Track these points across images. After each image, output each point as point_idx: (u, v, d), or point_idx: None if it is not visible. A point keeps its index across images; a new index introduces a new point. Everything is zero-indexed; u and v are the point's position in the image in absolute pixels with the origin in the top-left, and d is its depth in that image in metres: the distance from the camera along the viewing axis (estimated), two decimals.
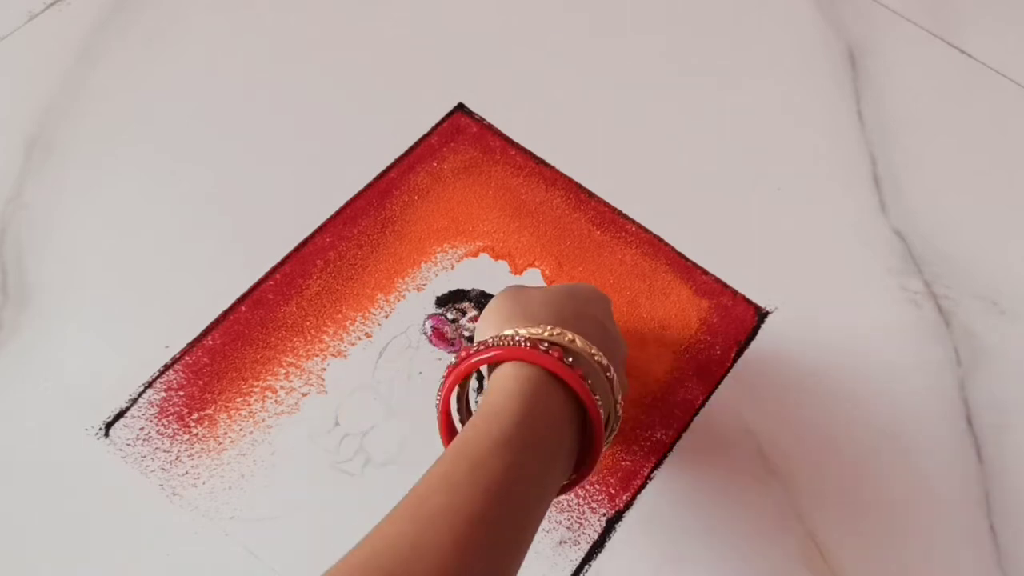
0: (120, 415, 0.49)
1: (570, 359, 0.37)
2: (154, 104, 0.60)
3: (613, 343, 0.41)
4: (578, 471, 0.39)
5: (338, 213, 0.56)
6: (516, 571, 0.33)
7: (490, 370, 0.40)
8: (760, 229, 0.57)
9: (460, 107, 0.60)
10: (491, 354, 0.37)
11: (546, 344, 0.37)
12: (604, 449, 0.39)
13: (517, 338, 0.37)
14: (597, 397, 0.37)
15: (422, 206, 0.56)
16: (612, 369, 0.39)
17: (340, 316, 0.52)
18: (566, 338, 0.38)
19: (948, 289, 0.55)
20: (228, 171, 0.57)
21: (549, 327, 0.38)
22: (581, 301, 0.42)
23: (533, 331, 0.38)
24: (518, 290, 0.43)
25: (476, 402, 0.46)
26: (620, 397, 0.40)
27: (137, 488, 0.47)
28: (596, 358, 0.38)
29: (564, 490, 0.39)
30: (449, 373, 0.39)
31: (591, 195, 0.57)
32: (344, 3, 0.65)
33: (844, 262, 0.56)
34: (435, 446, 0.39)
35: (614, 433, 0.41)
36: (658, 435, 0.50)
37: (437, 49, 0.63)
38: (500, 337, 0.38)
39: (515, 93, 0.61)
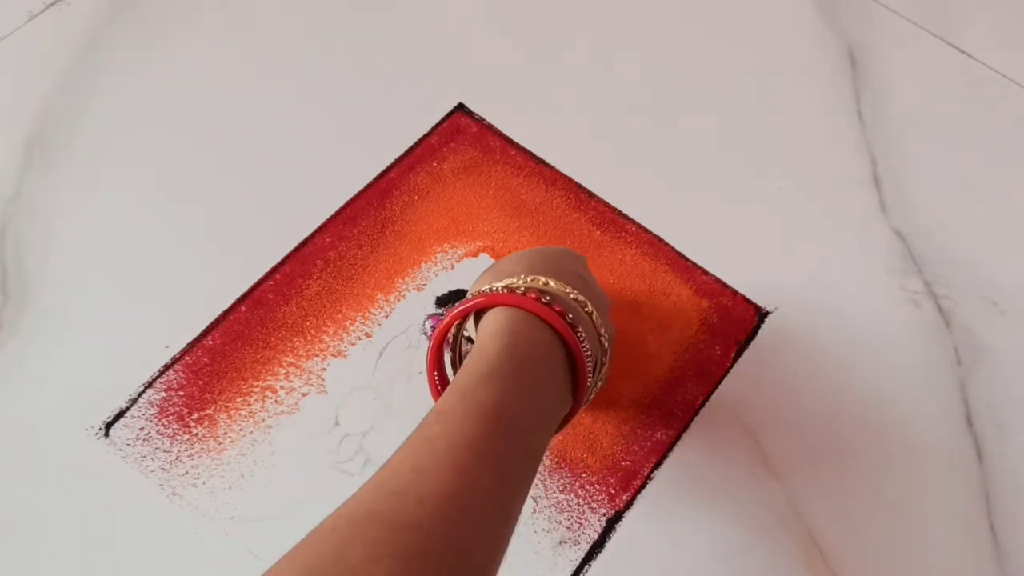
0: (120, 415, 0.49)
1: (547, 298, 0.39)
2: (153, 104, 0.60)
3: (590, 289, 0.43)
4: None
5: (338, 213, 0.56)
6: (520, 495, 0.35)
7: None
8: (760, 229, 0.57)
9: (460, 107, 0.60)
10: (470, 304, 0.39)
11: (522, 289, 0.39)
12: (593, 385, 0.41)
13: (494, 288, 0.40)
14: (580, 331, 0.39)
15: (422, 206, 0.56)
16: (590, 304, 0.41)
17: (340, 316, 0.52)
18: (539, 282, 0.40)
19: (948, 289, 0.55)
20: (228, 171, 0.57)
21: (523, 275, 0.40)
22: (554, 257, 0.44)
23: (508, 281, 0.40)
24: (495, 263, 0.45)
25: None
26: (603, 331, 0.41)
27: (137, 488, 0.47)
28: (572, 295, 0.40)
29: (562, 425, 0.41)
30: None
31: (591, 195, 0.57)
32: (345, 3, 0.65)
33: (844, 262, 0.56)
34: None
35: (604, 367, 0.42)
36: (658, 435, 0.50)
37: (437, 49, 0.63)
38: (479, 292, 0.40)
39: (515, 93, 0.61)
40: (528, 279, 0.40)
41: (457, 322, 0.41)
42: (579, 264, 0.45)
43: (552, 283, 0.40)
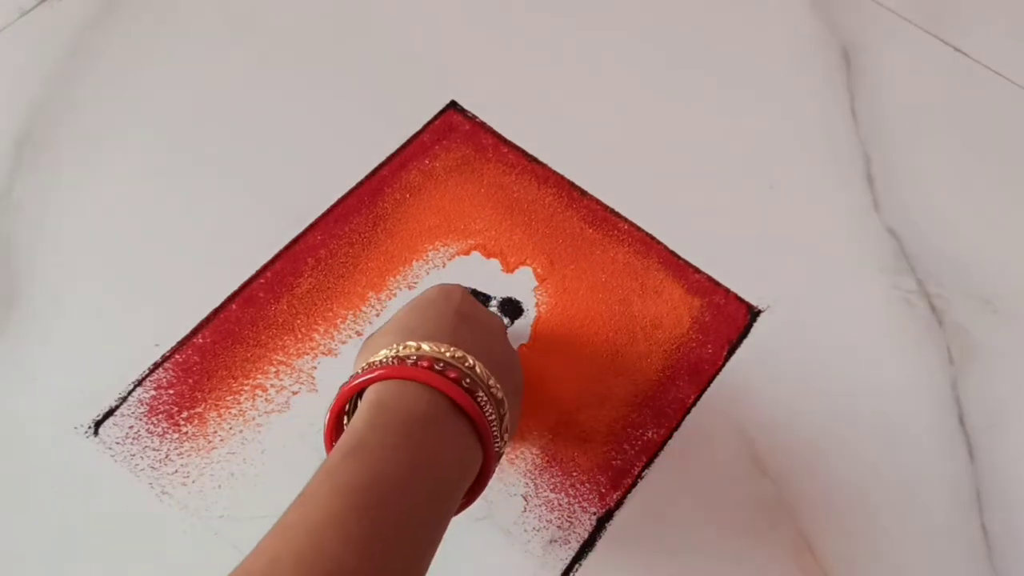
0: (109, 413, 0.49)
1: (412, 360, 0.36)
2: (145, 102, 0.59)
3: (472, 325, 0.40)
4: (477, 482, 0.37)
5: (329, 211, 0.56)
6: (411, 570, 0.32)
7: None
8: (753, 227, 0.57)
9: (452, 105, 0.60)
10: (342, 393, 0.36)
11: (389, 359, 0.36)
12: (500, 438, 0.37)
13: (364, 367, 0.37)
14: (465, 381, 0.36)
15: (414, 204, 0.56)
16: (470, 358, 0.37)
17: (331, 314, 0.52)
18: (411, 347, 0.37)
19: (941, 288, 0.55)
20: (219, 168, 0.57)
21: (394, 345, 0.37)
22: (423, 307, 0.41)
23: (378, 357, 0.37)
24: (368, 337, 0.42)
25: None
26: (491, 382, 0.37)
27: (126, 487, 0.47)
28: (448, 352, 0.37)
29: (480, 482, 0.37)
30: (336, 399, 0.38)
31: (583, 193, 0.57)
32: (337, 1, 0.64)
33: (837, 260, 0.56)
34: None
35: (506, 417, 0.38)
36: (649, 434, 0.50)
37: (430, 47, 0.63)
38: (350, 377, 0.37)
39: (508, 91, 0.61)
40: (399, 347, 0.37)
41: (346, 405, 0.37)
42: (453, 301, 0.41)
43: (425, 345, 0.37)
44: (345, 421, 0.38)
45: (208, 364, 0.50)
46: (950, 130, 0.61)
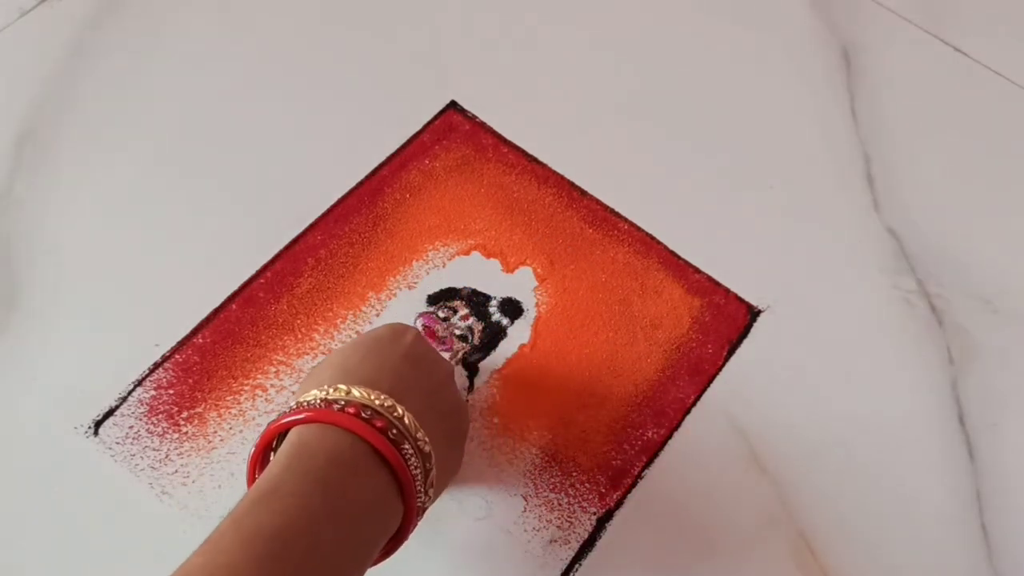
0: (109, 413, 0.49)
1: (338, 405, 0.35)
2: (145, 101, 0.59)
3: (413, 374, 0.39)
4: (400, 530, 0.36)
5: (329, 211, 0.56)
6: None
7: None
8: (753, 227, 0.57)
9: (452, 105, 0.60)
10: (266, 433, 0.36)
11: (317, 401, 0.35)
12: (424, 492, 0.36)
13: (292, 406, 0.36)
14: (392, 431, 0.35)
15: (414, 204, 0.56)
16: (399, 408, 0.36)
17: (331, 314, 0.52)
18: (341, 391, 0.36)
19: (941, 288, 0.55)
20: (219, 168, 0.57)
21: (326, 386, 0.36)
22: (368, 347, 0.40)
23: (307, 397, 0.36)
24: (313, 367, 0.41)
25: None
26: (420, 435, 0.36)
27: (126, 487, 0.47)
28: (378, 401, 0.35)
29: (401, 533, 0.36)
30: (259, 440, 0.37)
31: (583, 193, 0.57)
32: (337, 1, 0.64)
33: (837, 260, 0.56)
34: None
35: (431, 473, 0.37)
36: (649, 434, 0.50)
37: (430, 47, 0.63)
38: (281, 412, 0.36)
39: (508, 91, 0.61)
40: (330, 389, 0.36)
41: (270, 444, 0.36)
42: (401, 344, 0.40)
43: (356, 391, 0.35)
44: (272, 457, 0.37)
45: (208, 364, 0.50)
46: (950, 130, 0.61)
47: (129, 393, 0.49)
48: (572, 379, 0.51)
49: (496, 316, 0.53)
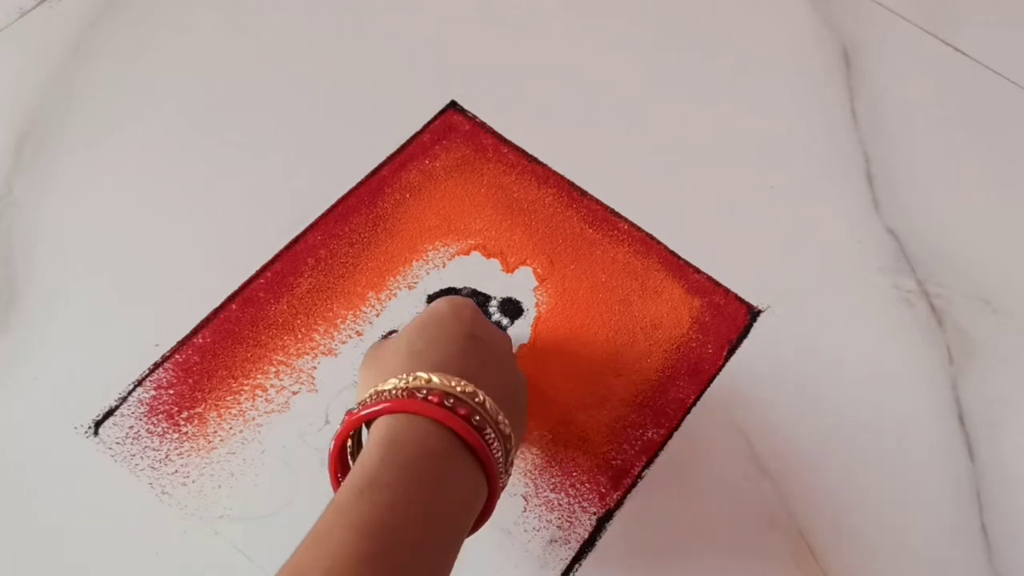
0: (109, 413, 0.49)
1: (423, 393, 0.35)
2: (144, 101, 0.59)
3: (482, 352, 0.39)
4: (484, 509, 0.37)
5: (330, 211, 0.56)
6: None
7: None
8: (753, 227, 0.57)
9: (452, 105, 0.60)
10: (353, 420, 0.36)
11: (400, 391, 0.36)
12: (505, 472, 0.37)
13: (372, 396, 0.36)
14: (476, 418, 0.35)
15: (414, 204, 0.56)
16: (481, 394, 0.36)
17: (331, 314, 0.52)
18: (421, 379, 0.36)
19: (941, 288, 0.55)
20: (219, 168, 0.57)
21: (403, 374, 0.37)
22: (434, 329, 0.40)
23: (388, 386, 0.36)
24: (374, 350, 0.41)
25: None
26: (501, 417, 0.37)
27: (126, 487, 0.47)
28: (459, 388, 0.36)
29: (483, 517, 0.37)
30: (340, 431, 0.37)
31: (583, 193, 0.57)
32: (337, 1, 0.64)
33: (837, 260, 0.56)
34: None
35: (512, 452, 0.38)
36: (649, 434, 0.50)
37: (430, 47, 0.63)
38: (360, 403, 0.37)
39: (508, 91, 0.61)
40: (409, 378, 0.36)
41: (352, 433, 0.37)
42: (464, 322, 0.41)
43: (436, 378, 0.36)
44: (349, 445, 0.38)
45: (208, 364, 0.50)
46: (950, 130, 0.61)
47: (129, 393, 0.49)
48: (572, 379, 0.51)
49: (496, 316, 0.53)
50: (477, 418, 0.35)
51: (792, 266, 0.55)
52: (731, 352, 0.52)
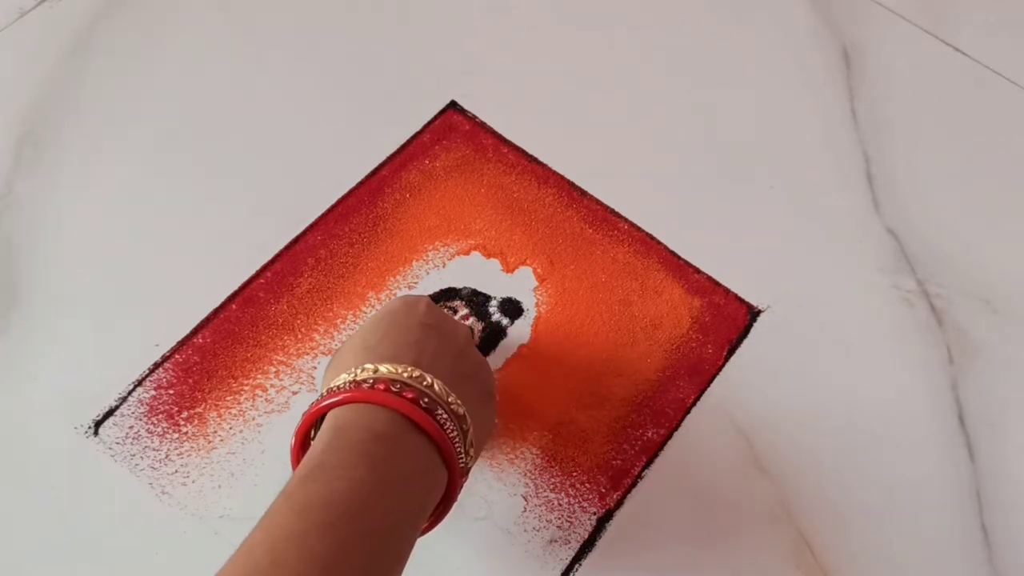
0: (109, 413, 0.49)
1: (367, 383, 0.36)
2: (145, 101, 0.59)
3: (435, 340, 0.40)
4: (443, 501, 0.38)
5: (330, 211, 0.56)
6: None
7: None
8: (752, 227, 0.57)
9: (452, 105, 0.60)
10: (304, 419, 0.37)
11: (345, 383, 0.37)
12: (464, 452, 0.37)
13: (324, 392, 0.37)
14: (423, 400, 0.36)
15: (414, 204, 0.56)
16: (429, 377, 0.37)
17: (331, 314, 0.52)
18: (368, 371, 0.37)
19: (941, 288, 0.55)
20: (219, 168, 0.57)
21: (352, 368, 0.37)
22: (387, 321, 0.41)
23: (338, 381, 0.37)
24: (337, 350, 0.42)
25: None
26: (451, 399, 0.37)
27: (126, 487, 0.47)
28: (406, 373, 0.37)
29: (448, 499, 0.38)
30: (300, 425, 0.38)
31: (584, 193, 0.57)
32: (337, 1, 0.64)
33: (836, 260, 0.56)
34: None
35: (469, 433, 0.38)
36: (649, 434, 0.50)
37: (430, 47, 0.63)
38: (314, 400, 0.37)
39: (508, 91, 0.61)
40: (357, 371, 0.37)
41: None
42: (416, 314, 0.41)
43: (383, 367, 0.37)
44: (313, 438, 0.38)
45: (208, 364, 0.50)
46: (950, 130, 0.61)
47: (129, 393, 0.49)
48: (572, 379, 0.51)
49: (496, 316, 0.53)
50: (426, 400, 0.36)
51: (792, 266, 0.55)
52: (731, 352, 0.52)
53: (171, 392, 0.49)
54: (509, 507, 0.47)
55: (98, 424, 0.48)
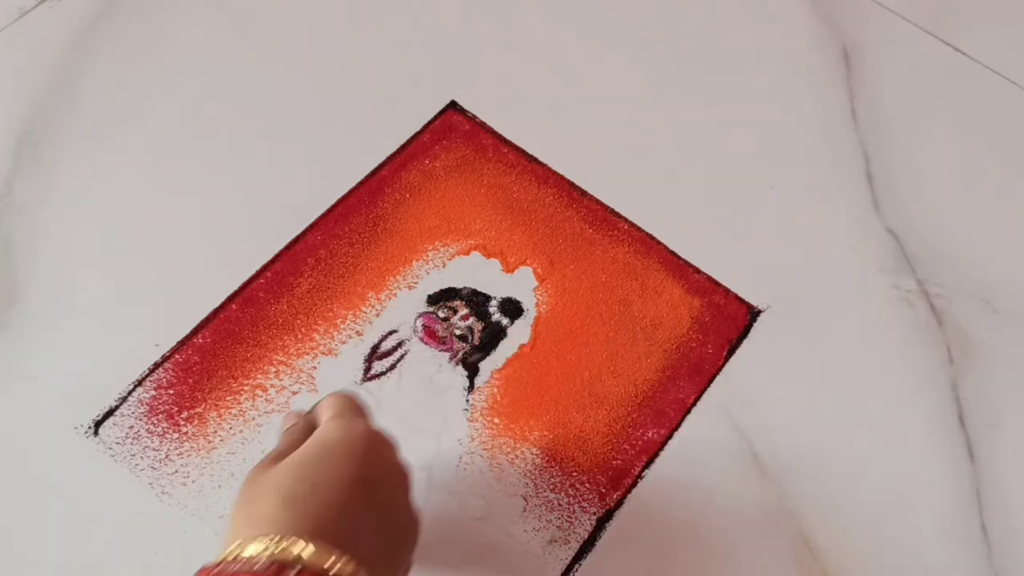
0: (109, 413, 0.49)
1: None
2: (144, 101, 0.59)
3: (372, 506, 0.36)
4: None
5: (330, 211, 0.56)
6: None
7: None
8: (752, 227, 0.57)
9: (452, 105, 0.60)
10: None
11: (264, 561, 0.32)
12: None
13: (234, 551, 0.33)
14: None
15: (414, 204, 0.56)
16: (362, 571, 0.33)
17: (331, 314, 0.52)
18: (292, 553, 0.32)
19: (941, 288, 0.55)
20: (218, 168, 0.57)
21: (274, 535, 0.33)
22: (324, 475, 0.36)
23: (255, 548, 0.33)
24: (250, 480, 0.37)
25: None
26: None
27: (126, 487, 0.47)
28: (336, 567, 0.32)
29: None
30: None
31: (583, 193, 0.57)
32: (337, 1, 0.64)
33: (836, 260, 0.56)
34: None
35: None
36: (649, 434, 0.50)
37: (430, 47, 0.63)
38: (226, 552, 0.33)
39: (508, 91, 0.61)
40: (282, 544, 0.32)
41: None
42: (354, 458, 0.37)
43: (307, 553, 0.32)
44: None
45: (208, 364, 0.50)
46: (950, 130, 0.61)
47: (129, 393, 0.49)
48: (572, 379, 0.51)
49: (496, 316, 0.53)
50: None
51: (792, 266, 0.55)
52: (731, 352, 0.52)
53: (171, 392, 0.49)
54: (509, 507, 0.47)
55: (98, 424, 0.48)
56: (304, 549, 0.32)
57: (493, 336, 0.52)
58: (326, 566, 0.32)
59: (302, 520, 0.34)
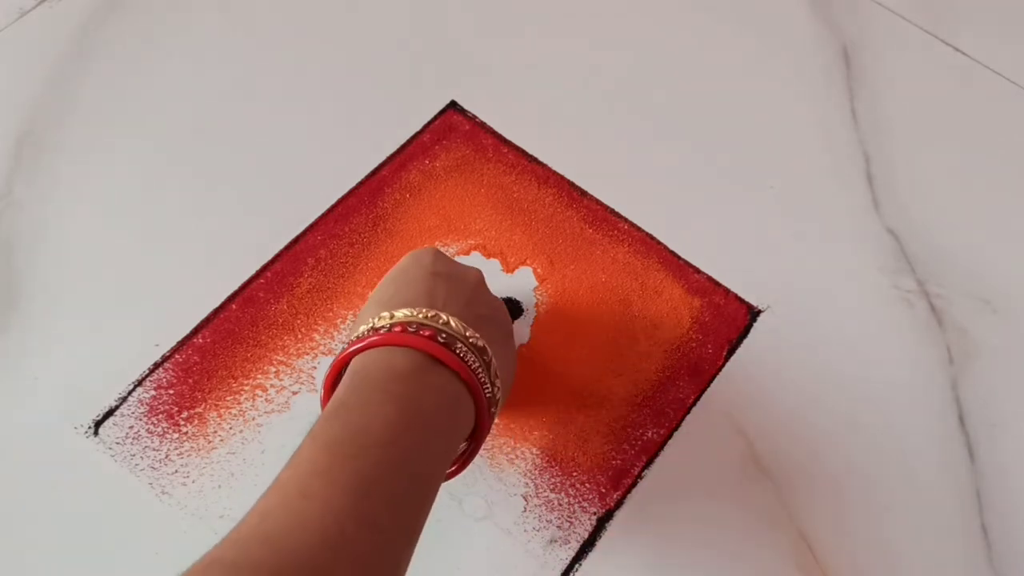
0: (109, 413, 0.49)
1: (414, 327, 0.37)
2: (145, 101, 0.59)
3: (447, 284, 0.41)
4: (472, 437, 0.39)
5: (330, 211, 0.56)
6: (396, 511, 0.32)
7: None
8: (752, 227, 0.57)
9: (452, 105, 0.60)
10: (329, 371, 0.38)
11: (364, 332, 0.38)
12: (491, 384, 0.38)
13: (362, 335, 0.38)
14: (441, 337, 0.37)
15: (414, 204, 0.56)
16: (444, 315, 0.38)
17: (331, 314, 0.52)
18: (385, 319, 0.38)
19: (941, 288, 0.55)
20: (219, 168, 0.57)
21: (370, 319, 0.38)
22: (400, 276, 0.42)
23: (358, 332, 0.38)
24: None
25: None
26: (469, 333, 0.38)
27: (126, 487, 0.47)
28: (421, 315, 0.38)
29: (467, 458, 0.40)
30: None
31: (583, 193, 0.57)
32: (337, 1, 0.64)
33: (836, 260, 0.56)
34: None
35: (492, 365, 0.39)
36: (649, 434, 0.50)
37: (430, 47, 0.63)
38: (362, 333, 0.38)
39: (508, 91, 0.61)
40: (374, 320, 0.38)
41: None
42: (424, 264, 0.42)
43: (398, 312, 0.38)
44: None
45: (208, 364, 0.50)
46: (950, 130, 0.61)
47: (129, 393, 0.49)
48: (572, 379, 0.51)
49: None
50: (443, 336, 0.37)
51: (792, 266, 0.55)
52: (731, 352, 0.52)
53: (171, 392, 0.49)
54: (509, 507, 0.47)
55: (98, 424, 0.48)
56: (393, 314, 0.38)
57: None
58: (413, 312, 0.37)
59: (393, 307, 0.38)
